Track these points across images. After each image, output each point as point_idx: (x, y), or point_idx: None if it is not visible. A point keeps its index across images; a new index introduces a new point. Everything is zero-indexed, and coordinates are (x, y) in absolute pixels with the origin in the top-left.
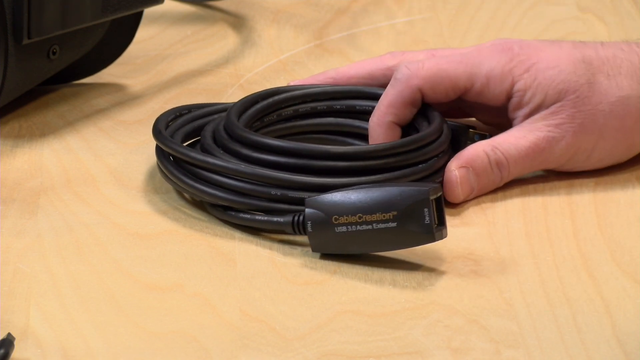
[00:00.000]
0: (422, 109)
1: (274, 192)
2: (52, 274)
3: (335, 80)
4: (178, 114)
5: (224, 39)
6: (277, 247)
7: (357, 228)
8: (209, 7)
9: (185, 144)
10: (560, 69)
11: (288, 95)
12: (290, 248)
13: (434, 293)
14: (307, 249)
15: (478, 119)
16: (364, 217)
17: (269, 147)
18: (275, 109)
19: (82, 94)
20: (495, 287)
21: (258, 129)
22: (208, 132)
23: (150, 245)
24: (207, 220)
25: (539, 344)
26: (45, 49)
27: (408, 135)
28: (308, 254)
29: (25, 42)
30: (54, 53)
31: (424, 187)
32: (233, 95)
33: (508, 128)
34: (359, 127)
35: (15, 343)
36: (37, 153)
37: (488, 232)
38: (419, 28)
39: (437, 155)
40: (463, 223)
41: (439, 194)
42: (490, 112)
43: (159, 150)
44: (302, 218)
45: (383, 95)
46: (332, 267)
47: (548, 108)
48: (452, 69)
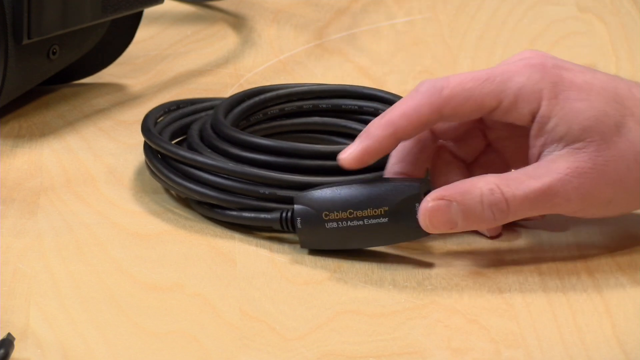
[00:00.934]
0: None
1: (263, 190)
2: (52, 274)
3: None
4: (167, 110)
5: (224, 39)
6: (277, 247)
7: (348, 224)
8: (209, 7)
9: (173, 142)
10: (591, 104)
11: (274, 94)
12: (290, 248)
13: (434, 293)
14: (306, 249)
15: (494, 143)
16: (355, 212)
17: (258, 146)
18: (262, 108)
19: (82, 94)
20: (495, 287)
21: (244, 128)
22: (195, 130)
23: (150, 245)
24: (206, 221)
25: (539, 344)
26: (45, 49)
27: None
28: (308, 254)
29: (25, 42)
30: (54, 53)
31: (415, 182)
32: None
33: (525, 154)
34: (345, 126)
35: (15, 343)
36: (37, 153)
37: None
38: (419, 28)
39: None
40: None
41: (430, 189)
42: (511, 133)
43: (148, 148)
44: (290, 215)
45: (398, 103)
46: (332, 267)
47: (569, 145)
48: (477, 88)
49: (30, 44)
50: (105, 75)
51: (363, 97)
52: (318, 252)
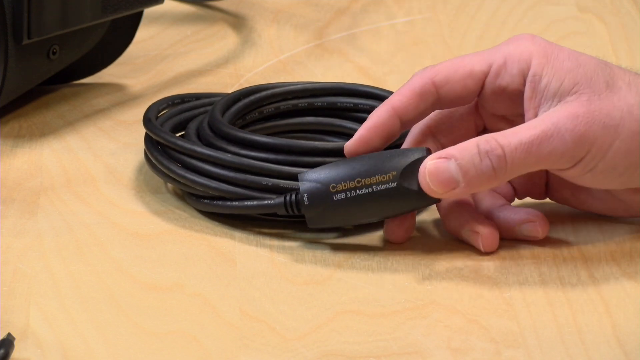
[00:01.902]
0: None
1: (266, 182)
2: (52, 274)
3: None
4: (170, 103)
5: (224, 39)
6: (277, 247)
7: (356, 193)
8: (209, 7)
9: None
10: (580, 64)
11: (269, 93)
12: (290, 248)
13: (434, 293)
14: (307, 249)
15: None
16: (363, 180)
17: (256, 143)
18: (257, 107)
19: (82, 94)
20: (495, 287)
21: (240, 127)
22: (192, 129)
23: (150, 245)
24: (207, 220)
25: (539, 344)
26: (45, 49)
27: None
28: (308, 254)
29: (25, 42)
30: (54, 53)
31: (421, 147)
32: None
33: None
34: (339, 125)
35: (15, 343)
36: (37, 153)
37: None
38: (419, 28)
39: None
40: None
41: None
42: (510, 104)
43: (148, 139)
44: (295, 197)
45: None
46: (331, 266)
47: (562, 100)
48: (467, 58)
49: (30, 44)
50: (105, 75)
51: (359, 94)
52: (318, 252)
